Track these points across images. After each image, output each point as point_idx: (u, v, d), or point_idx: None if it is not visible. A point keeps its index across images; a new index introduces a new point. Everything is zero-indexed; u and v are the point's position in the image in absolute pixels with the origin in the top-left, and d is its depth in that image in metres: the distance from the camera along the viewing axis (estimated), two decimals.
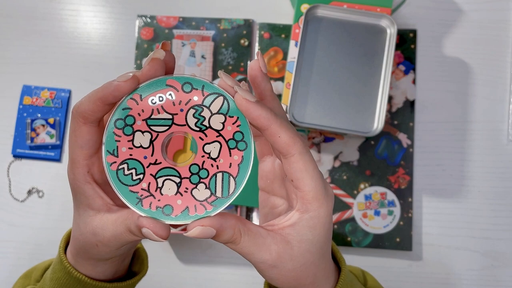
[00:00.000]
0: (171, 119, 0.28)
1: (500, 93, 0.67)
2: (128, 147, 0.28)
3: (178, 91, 0.28)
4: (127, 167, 0.28)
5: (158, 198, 0.27)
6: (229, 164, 0.28)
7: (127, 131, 0.28)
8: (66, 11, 0.70)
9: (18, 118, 0.66)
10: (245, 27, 0.68)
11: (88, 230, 0.31)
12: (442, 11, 0.68)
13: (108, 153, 0.28)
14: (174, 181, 0.28)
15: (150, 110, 0.28)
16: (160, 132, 0.28)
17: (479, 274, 0.63)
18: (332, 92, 0.59)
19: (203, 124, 0.28)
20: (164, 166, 0.28)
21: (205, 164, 0.28)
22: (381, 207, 0.63)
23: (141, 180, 0.28)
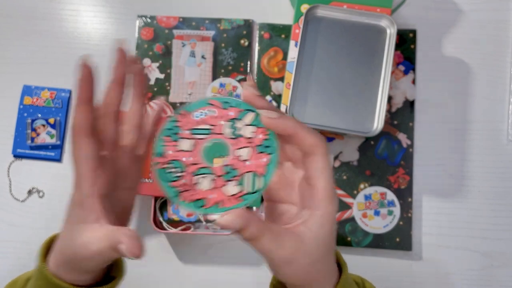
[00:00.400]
0: (210, 129, 0.34)
1: (500, 93, 0.67)
2: (173, 151, 0.34)
3: (218, 108, 0.34)
4: (171, 167, 0.33)
5: (194, 193, 0.33)
6: (257, 165, 0.34)
7: (173, 137, 0.34)
8: (66, 11, 0.70)
9: (19, 118, 0.66)
10: (245, 27, 0.68)
11: (79, 244, 0.34)
12: (441, 11, 0.68)
13: (155, 155, 0.33)
14: (209, 178, 0.33)
15: (194, 123, 0.34)
16: (200, 139, 0.34)
17: (479, 274, 0.63)
18: (332, 92, 0.59)
19: (236, 134, 0.34)
20: (201, 166, 0.34)
21: (237, 165, 0.34)
22: (381, 207, 0.63)
23: (180, 177, 0.33)
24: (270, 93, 0.66)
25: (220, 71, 0.67)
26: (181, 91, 0.67)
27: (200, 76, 0.67)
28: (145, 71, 0.41)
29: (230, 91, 0.66)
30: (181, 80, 0.67)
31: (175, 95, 0.66)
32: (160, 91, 0.66)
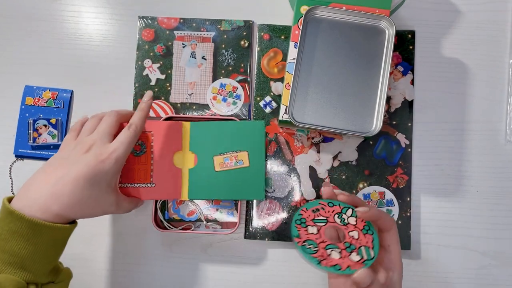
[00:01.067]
0: (326, 219, 0.49)
1: (498, 93, 0.67)
2: (305, 233, 0.48)
3: (326, 206, 0.50)
4: (307, 244, 0.48)
5: (330, 261, 0.46)
6: (366, 241, 0.48)
7: (303, 225, 0.49)
8: (68, 12, 0.70)
9: (20, 118, 0.67)
10: (245, 28, 0.68)
11: (107, 203, 0.50)
12: (440, 12, 0.69)
13: (295, 237, 0.48)
14: (337, 251, 0.47)
15: (313, 216, 0.49)
16: (321, 226, 0.49)
17: (477, 273, 0.64)
18: (331, 93, 0.60)
19: (344, 222, 0.49)
20: (329, 243, 0.48)
21: (352, 242, 0.48)
22: (380, 206, 0.64)
23: (317, 251, 0.47)
24: (270, 94, 0.67)
25: (221, 72, 0.67)
26: (181, 92, 0.67)
27: (201, 76, 0.67)
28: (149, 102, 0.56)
29: (230, 92, 0.67)
30: (182, 81, 0.67)
31: (176, 96, 0.67)
32: (160, 92, 0.67)
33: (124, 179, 0.56)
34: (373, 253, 0.47)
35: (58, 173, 0.47)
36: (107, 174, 0.48)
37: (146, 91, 0.67)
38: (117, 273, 0.64)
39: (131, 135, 0.51)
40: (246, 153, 0.57)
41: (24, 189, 0.47)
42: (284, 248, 0.65)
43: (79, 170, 0.47)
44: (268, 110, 0.66)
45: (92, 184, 0.47)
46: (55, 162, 0.49)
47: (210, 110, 0.67)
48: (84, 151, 0.49)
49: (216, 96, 0.67)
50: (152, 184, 0.55)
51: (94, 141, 0.50)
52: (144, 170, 0.55)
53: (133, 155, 0.55)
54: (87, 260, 0.64)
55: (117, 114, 0.53)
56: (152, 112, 0.66)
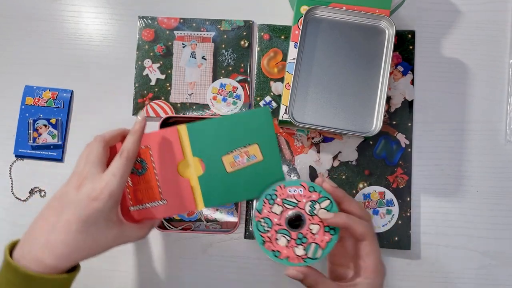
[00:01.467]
0: (296, 203, 0.47)
1: (498, 93, 0.67)
2: (268, 210, 0.47)
3: (305, 189, 0.47)
4: (263, 221, 0.47)
5: (274, 245, 0.46)
6: (321, 240, 0.46)
7: (270, 202, 0.47)
8: (68, 12, 0.70)
9: (20, 118, 0.67)
10: (245, 28, 0.68)
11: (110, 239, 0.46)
12: (440, 12, 0.69)
13: (256, 210, 0.47)
14: (286, 238, 0.46)
15: (287, 195, 0.47)
16: (288, 208, 0.47)
17: (477, 273, 0.64)
18: (331, 93, 0.60)
19: (314, 212, 0.47)
20: (283, 228, 0.46)
21: (307, 235, 0.46)
22: (380, 206, 0.64)
23: (268, 231, 0.46)
24: (270, 94, 0.67)
25: (221, 72, 0.67)
26: (181, 92, 0.67)
27: (201, 76, 0.67)
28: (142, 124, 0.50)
29: (230, 92, 0.67)
30: (182, 81, 0.67)
31: (176, 96, 0.67)
32: (160, 92, 0.67)
33: (134, 202, 0.51)
34: (319, 254, 0.46)
35: (52, 219, 0.44)
36: (102, 212, 0.44)
37: (146, 91, 0.67)
38: (117, 273, 0.64)
39: (123, 164, 0.46)
40: (256, 146, 0.50)
41: (25, 236, 0.45)
42: None
43: (71, 215, 0.43)
44: None
45: (87, 226, 0.44)
46: (53, 203, 0.46)
47: (210, 110, 0.67)
48: (75, 186, 0.45)
49: (216, 96, 0.67)
50: (163, 201, 0.51)
51: (85, 174, 0.45)
52: (151, 188, 0.51)
53: (136, 175, 0.51)
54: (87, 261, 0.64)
55: (102, 139, 0.47)
56: (152, 112, 0.66)
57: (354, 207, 0.47)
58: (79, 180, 0.45)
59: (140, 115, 0.49)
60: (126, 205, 0.51)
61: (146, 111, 0.66)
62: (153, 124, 0.66)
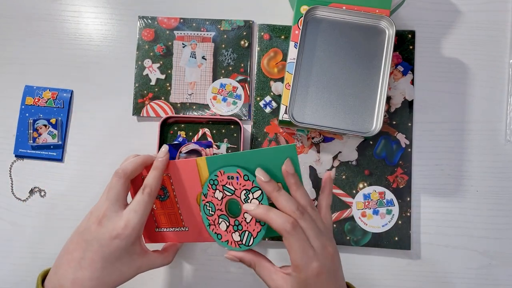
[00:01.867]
0: (234, 190, 0.47)
1: (498, 93, 0.67)
2: (211, 195, 0.49)
3: (241, 177, 0.47)
4: (208, 205, 0.49)
5: (217, 229, 0.49)
6: (253, 229, 0.47)
7: (213, 187, 0.48)
8: (68, 12, 0.70)
9: (20, 118, 0.67)
10: (245, 28, 0.68)
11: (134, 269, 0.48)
12: (440, 12, 0.69)
13: (202, 195, 0.49)
14: (225, 224, 0.48)
15: (225, 182, 0.48)
16: (227, 195, 0.48)
17: (477, 273, 0.64)
18: (331, 93, 0.60)
19: (248, 201, 0.47)
20: (223, 214, 0.48)
21: (242, 223, 0.48)
22: (380, 206, 0.64)
23: (212, 215, 0.49)
24: (270, 94, 0.67)
25: (221, 72, 0.67)
26: (181, 92, 0.67)
27: (201, 76, 0.67)
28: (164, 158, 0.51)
29: (230, 91, 0.67)
30: (182, 81, 0.67)
31: (176, 96, 0.67)
32: (160, 92, 0.67)
33: (159, 224, 0.53)
34: (252, 242, 0.47)
35: (77, 254, 0.46)
36: (126, 247, 0.46)
37: (146, 91, 0.67)
38: None
39: (146, 201, 0.47)
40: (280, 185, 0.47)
41: (54, 269, 0.47)
42: (284, 248, 0.65)
43: (95, 252, 0.45)
44: (268, 110, 0.66)
45: (112, 262, 0.46)
46: (76, 238, 0.47)
47: (210, 110, 0.67)
48: (96, 223, 0.46)
49: (216, 96, 0.67)
50: (185, 228, 0.52)
51: (105, 211, 0.47)
52: (174, 214, 0.52)
53: (159, 200, 0.52)
54: None
55: (123, 175, 0.48)
56: (152, 112, 0.66)
57: (280, 202, 0.44)
58: (99, 217, 0.47)
59: (162, 151, 0.50)
60: (151, 226, 0.52)
61: (146, 111, 0.66)
62: (153, 124, 0.66)
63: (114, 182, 0.48)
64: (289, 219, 0.43)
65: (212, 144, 0.65)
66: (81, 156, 0.67)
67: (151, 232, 0.53)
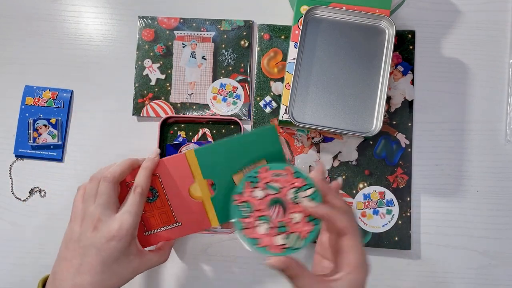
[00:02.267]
0: (280, 188, 0.45)
1: (498, 93, 0.67)
2: (249, 193, 0.45)
3: (290, 174, 0.45)
4: (244, 206, 0.45)
5: (253, 232, 0.44)
6: (302, 229, 0.44)
7: (252, 185, 0.45)
8: (68, 12, 0.70)
9: (20, 118, 0.67)
10: (245, 28, 0.68)
11: (132, 270, 0.48)
12: (440, 12, 0.69)
13: (236, 193, 0.45)
14: (266, 226, 0.44)
15: (270, 179, 0.45)
16: (270, 194, 0.45)
17: (477, 273, 0.64)
18: (331, 93, 0.60)
19: (296, 199, 0.44)
20: (264, 215, 0.44)
21: (289, 224, 0.44)
22: (380, 206, 0.64)
23: (248, 217, 0.44)
24: (270, 94, 0.67)
25: (221, 72, 0.67)
26: (181, 92, 0.67)
27: (201, 76, 0.67)
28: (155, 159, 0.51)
29: (230, 91, 0.67)
30: (182, 81, 0.67)
31: (176, 96, 0.67)
32: (160, 92, 0.67)
33: (148, 227, 0.52)
34: (300, 244, 0.43)
35: (75, 261, 0.47)
36: (122, 249, 0.47)
37: (146, 91, 0.67)
38: None
39: (138, 200, 0.48)
40: (264, 161, 0.49)
41: (52, 276, 0.48)
42: None
43: (93, 258, 0.46)
44: (268, 110, 0.66)
45: (110, 264, 0.46)
46: (72, 245, 0.48)
47: (210, 110, 0.67)
48: (91, 229, 0.47)
49: (216, 96, 0.67)
50: (178, 223, 0.52)
51: (99, 217, 0.47)
52: (165, 213, 0.52)
53: (148, 203, 0.51)
54: None
55: (112, 180, 0.48)
56: (152, 112, 0.66)
57: (337, 201, 0.45)
58: (93, 222, 0.47)
59: (154, 152, 0.51)
60: (140, 230, 0.52)
61: (146, 111, 0.66)
62: (153, 124, 0.66)
63: (104, 187, 0.48)
64: (351, 218, 0.44)
65: None
66: (81, 156, 0.67)
67: (140, 237, 0.52)
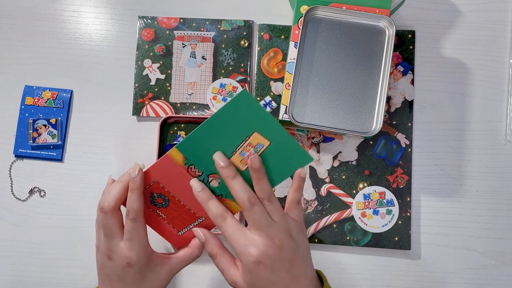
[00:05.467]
0: None
1: (498, 93, 0.67)
2: None
3: None
4: None
5: None
6: None
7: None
8: (68, 12, 0.70)
9: (20, 118, 0.67)
10: (245, 28, 0.68)
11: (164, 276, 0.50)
12: (440, 12, 0.69)
13: None
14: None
15: None
16: None
17: (477, 273, 0.64)
18: (331, 93, 0.60)
19: None
20: None
21: None
22: (380, 206, 0.64)
23: None
24: (270, 94, 0.67)
25: (221, 72, 0.67)
26: (181, 92, 0.67)
27: (201, 76, 0.67)
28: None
29: (230, 91, 0.67)
30: (182, 81, 0.67)
31: (176, 96, 0.67)
32: (160, 92, 0.67)
33: (178, 228, 0.51)
34: None
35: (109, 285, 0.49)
36: (141, 270, 0.48)
37: (146, 91, 0.67)
38: None
39: (134, 226, 0.47)
40: (256, 134, 0.45)
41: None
42: None
43: (119, 283, 0.48)
44: (268, 110, 0.66)
45: (138, 283, 0.48)
46: (100, 276, 0.50)
47: (210, 110, 0.67)
48: (107, 258, 0.48)
49: (216, 96, 0.67)
50: (201, 218, 0.51)
51: (109, 247, 0.48)
52: (184, 212, 0.50)
53: (164, 207, 0.50)
54: (88, 261, 0.64)
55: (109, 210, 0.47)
56: (152, 112, 0.66)
57: (235, 189, 0.46)
58: (107, 252, 0.48)
59: (133, 169, 0.47)
60: (172, 233, 0.52)
61: (146, 111, 0.66)
62: (153, 124, 0.66)
63: (103, 219, 0.47)
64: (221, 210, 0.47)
65: None
66: (81, 156, 0.67)
67: (176, 238, 0.52)
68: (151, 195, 0.49)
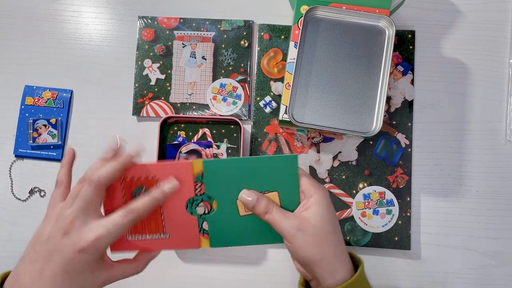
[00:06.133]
0: None
1: (498, 93, 0.67)
2: None
3: None
4: None
5: None
6: None
7: None
8: (68, 12, 0.70)
9: (20, 118, 0.67)
10: (245, 28, 0.68)
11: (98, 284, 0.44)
12: (440, 12, 0.69)
13: None
14: None
15: None
16: None
17: (477, 273, 0.64)
18: (331, 93, 0.60)
19: None
20: None
21: None
22: (380, 206, 0.64)
23: None
24: (270, 94, 0.67)
25: (221, 72, 0.67)
26: (181, 92, 0.67)
27: (201, 76, 0.67)
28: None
29: (230, 91, 0.67)
30: (182, 81, 0.67)
31: (176, 96, 0.67)
32: (160, 92, 0.67)
33: (133, 231, 0.48)
34: None
35: (38, 265, 0.42)
36: (90, 262, 0.42)
37: (146, 91, 0.67)
38: None
39: (125, 227, 0.43)
40: (276, 194, 0.46)
41: (14, 276, 0.43)
42: (284, 248, 0.65)
43: (57, 265, 0.41)
44: (268, 110, 0.66)
45: (73, 277, 0.42)
46: (39, 247, 0.43)
47: (210, 110, 0.67)
48: (62, 232, 0.42)
49: (216, 96, 0.67)
50: (165, 234, 0.48)
51: (73, 220, 0.42)
52: (154, 220, 0.47)
53: None
54: None
55: (98, 184, 0.43)
56: (152, 112, 0.66)
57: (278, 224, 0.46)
58: (66, 224, 0.42)
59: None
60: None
61: (146, 111, 0.66)
62: (153, 124, 0.66)
63: (86, 191, 0.43)
64: None
65: (212, 144, 0.65)
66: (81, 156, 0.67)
67: (121, 240, 0.47)
68: (139, 186, 0.47)
